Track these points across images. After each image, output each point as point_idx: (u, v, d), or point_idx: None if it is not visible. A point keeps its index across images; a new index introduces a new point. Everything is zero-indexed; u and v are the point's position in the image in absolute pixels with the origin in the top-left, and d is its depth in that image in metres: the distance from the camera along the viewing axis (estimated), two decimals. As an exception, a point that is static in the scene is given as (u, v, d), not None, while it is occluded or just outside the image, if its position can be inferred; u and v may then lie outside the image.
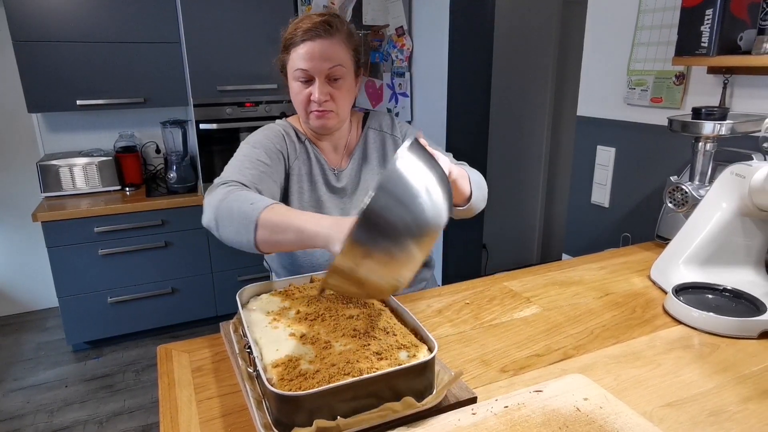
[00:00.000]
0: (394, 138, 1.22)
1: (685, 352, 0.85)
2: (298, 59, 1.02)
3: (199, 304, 2.69)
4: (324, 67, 1.01)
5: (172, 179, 2.58)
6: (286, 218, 0.81)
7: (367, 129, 1.21)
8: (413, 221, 0.64)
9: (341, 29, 1.03)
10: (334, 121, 1.08)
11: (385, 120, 1.23)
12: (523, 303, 1.03)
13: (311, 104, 1.05)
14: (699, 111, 1.14)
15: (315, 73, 1.02)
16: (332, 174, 1.16)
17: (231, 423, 0.69)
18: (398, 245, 0.63)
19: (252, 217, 0.83)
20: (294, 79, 1.05)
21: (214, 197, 0.91)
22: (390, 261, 0.64)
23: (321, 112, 1.05)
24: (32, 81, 2.30)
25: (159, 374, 0.81)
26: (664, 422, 0.68)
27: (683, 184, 1.18)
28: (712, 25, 1.20)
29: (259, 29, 2.52)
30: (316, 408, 0.60)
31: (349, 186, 1.17)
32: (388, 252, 0.63)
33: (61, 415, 2.11)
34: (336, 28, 1.02)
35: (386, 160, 1.20)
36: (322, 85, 1.03)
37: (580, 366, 0.81)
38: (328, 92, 1.04)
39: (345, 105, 1.08)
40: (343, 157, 1.19)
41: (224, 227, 0.88)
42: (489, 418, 0.66)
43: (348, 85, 1.06)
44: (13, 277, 2.91)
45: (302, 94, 1.05)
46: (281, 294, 0.87)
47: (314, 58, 1.00)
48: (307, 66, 1.01)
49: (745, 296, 0.96)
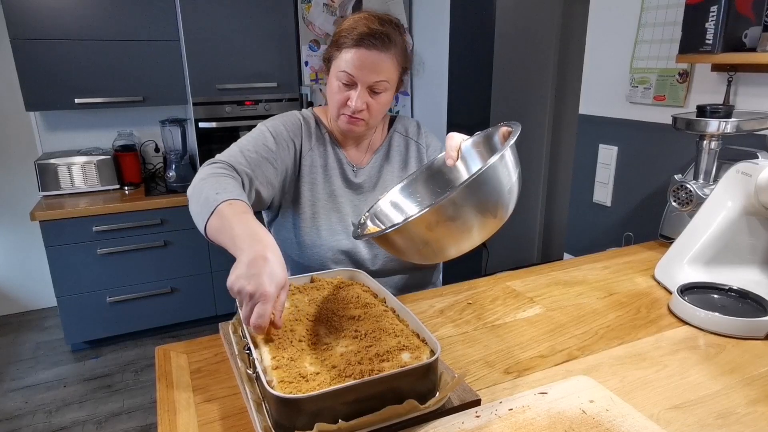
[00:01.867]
0: (418, 145, 1.22)
1: (691, 352, 0.84)
2: (346, 62, 1.00)
3: (199, 304, 2.67)
4: (370, 79, 1.00)
5: (171, 178, 2.56)
6: (231, 219, 0.78)
7: (393, 131, 1.21)
8: (499, 203, 0.70)
9: (398, 45, 1.02)
10: (362, 129, 1.07)
11: (411, 125, 1.23)
12: (526, 303, 1.02)
13: (345, 108, 1.03)
14: (704, 109, 1.13)
15: (359, 81, 1.00)
16: (350, 169, 1.15)
17: (230, 426, 0.68)
18: (480, 217, 0.69)
19: (211, 205, 0.82)
20: (336, 78, 1.02)
21: (200, 173, 0.93)
22: (465, 230, 0.70)
23: (353, 118, 1.04)
24: (30, 79, 2.29)
25: (157, 376, 0.80)
26: (671, 425, 0.66)
27: (687, 182, 1.17)
28: (716, 22, 1.19)
29: (259, 27, 2.51)
30: (317, 411, 0.59)
31: (367, 183, 1.16)
32: (469, 221, 0.69)
33: (60, 415, 2.10)
34: (394, 43, 1.00)
35: (408, 165, 1.20)
36: (362, 94, 1.01)
37: (584, 367, 0.80)
38: (366, 102, 1.02)
39: (377, 116, 1.07)
40: (365, 155, 1.18)
41: (192, 205, 0.89)
42: (493, 420, 0.65)
43: (386, 100, 1.05)
44: (12, 277, 2.89)
45: (340, 95, 1.03)
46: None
47: (363, 67, 0.99)
48: (354, 72, 0.99)
49: (751, 296, 0.95)
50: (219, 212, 0.81)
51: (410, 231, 0.70)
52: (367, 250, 1.15)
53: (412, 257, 0.76)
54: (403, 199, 0.96)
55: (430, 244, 0.71)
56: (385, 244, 0.78)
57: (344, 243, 1.12)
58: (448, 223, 0.68)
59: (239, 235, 0.73)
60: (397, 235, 0.71)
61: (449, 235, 0.70)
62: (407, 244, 0.73)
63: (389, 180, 1.18)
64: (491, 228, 0.73)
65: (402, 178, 0.99)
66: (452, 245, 0.73)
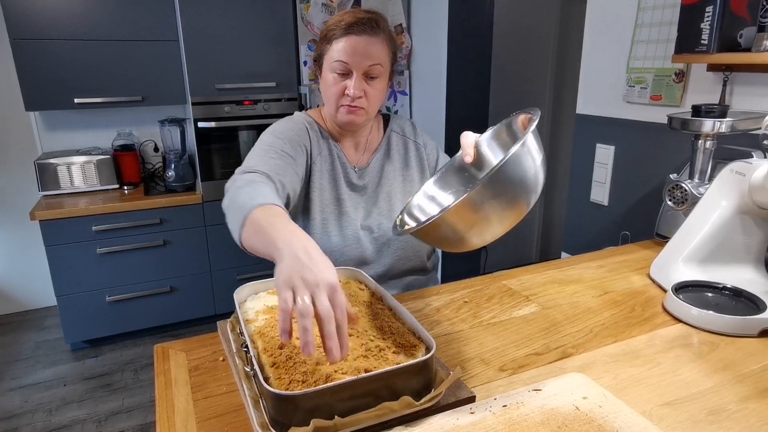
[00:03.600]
0: (416, 144, 1.23)
1: (685, 350, 0.84)
2: (338, 51, 1.01)
3: (198, 303, 2.68)
4: (364, 64, 1.01)
5: (170, 178, 2.57)
6: (268, 224, 0.72)
7: (390, 131, 1.21)
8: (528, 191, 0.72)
9: (385, 29, 1.04)
10: (362, 118, 1.07)
11: (407, 125, 1.24)
12: (522, 301, 1.03)
13: (344, 98, 1.04)
14: (699, 108, 1.14)
15: (354, 67, 1.01)
16: (353, 171, 1.15)
17: (228, 422, 0.69)
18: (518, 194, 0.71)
19: (245, 211, 0.76)
20: (331, 70, 1.03)
21: (233, 183, 0.88)
22: (508, 206, 0.71)
23: (352, 107, 1.04)
24: (30, 79, 2.29)
25: (156, 373, 0.80)
26: (663, 421, 0.67)
27: (683, 182, 1.18)
28: (712, 22, 1.19)
29: (258, 27, 2.51)
30: (314, 407, 0.60)
31: (370, 184, 1.17)
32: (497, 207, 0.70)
33: (60, 414, 2.11)
34: (381, 28, 1.03)
35: (409, 164, 1.21)
36: (358, 81, 1.02)
37: (579, 365, 0.80)
38: (363, 89, 1.03)
39: (375, 104, 1.07)
40: (364, 155, 1.18)
41: (227, 216, 0.83)
42: (487, 417, 0.66)
43: (382, 86, 1.06)
44: (11, 276, 2.90)
45: (337, 87, 1.04)
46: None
47: (356, 53, 1.00)
48: (348, 59, 1.00)
49: (744, 294, 0.96)
50: (253, 219, 0.75)
51: (461, 212, 0.70)
52: (374, 253, 1.15)
53: (457, 245, 0.75)
54: (437, 191, 0.96)
55: (476, 225, 0.71)
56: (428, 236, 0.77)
57: (353, 249, 1.13)
58: (492, 202, 0.69)
59: (278, 235, 0.68)
60: (443, 222, 0.70)
61: (494, 213, 0.71)
62: (454, 229, 0.72)
63: (392, 179, 1.18)
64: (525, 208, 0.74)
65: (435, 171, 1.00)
66: (497, 223, 0.73)
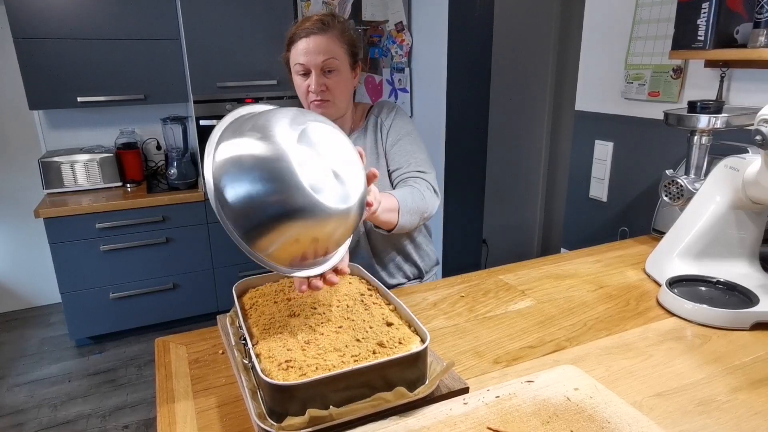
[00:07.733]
0: (382, 123, 1.24)
1: (677, 343, 0.86)
2: (297, 54, 1.11)
3: (201, 300, 2.70)
4: (318, 60, 1.09)
5: (172, 175, 2.59)
6: None
7: (369, 116, 1.25)
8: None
9: (334, 26, 1.11)
10: (332, 110, 1.14)
11: (385, 107, 1.26)
12: (518, 296, 1.04)
13: (310, 95, 1.12)
14: (694, 105, 1.14)
15: (311, 65, 1.09)
16: None
17: (227, 413, 0.71)
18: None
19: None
20: (295, 73, 1.13)
21: None
22: None
23: (319, 101, 1.12)
24: (33, 78, 2.32)
25: (156, 366, 0.82)
26: (653, 411, 0.68)
27: (678, 177, 1.19)
28: (708, 18, 1.20)
29: (259, 25, 2.52)
30: (309, 397, 0.61)
31: None
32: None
33: (65, 409, 2.14)
34: (329, 25, 1.10)
35: (377, 146, 1.23)
36: (317, 77, 1.10)
37: (572, 357, 0.82)
38: (324, 83, 1.11)
39: (341, 95, 1.14)
40: None
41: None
42: (480, 407, 0.67)
43: (343, 78, 1.13)
44: (16, 274, 2.93)
45: (302, 86, 1.13)
46: (277, 286, 0.88)
47: (309, 52, 1.09)
48: (304, 60, 1.10)
49: (738, 288, 0.97)
50: None
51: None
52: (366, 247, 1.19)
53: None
54: None
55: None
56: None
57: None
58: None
59: None
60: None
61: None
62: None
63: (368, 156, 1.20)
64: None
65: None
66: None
